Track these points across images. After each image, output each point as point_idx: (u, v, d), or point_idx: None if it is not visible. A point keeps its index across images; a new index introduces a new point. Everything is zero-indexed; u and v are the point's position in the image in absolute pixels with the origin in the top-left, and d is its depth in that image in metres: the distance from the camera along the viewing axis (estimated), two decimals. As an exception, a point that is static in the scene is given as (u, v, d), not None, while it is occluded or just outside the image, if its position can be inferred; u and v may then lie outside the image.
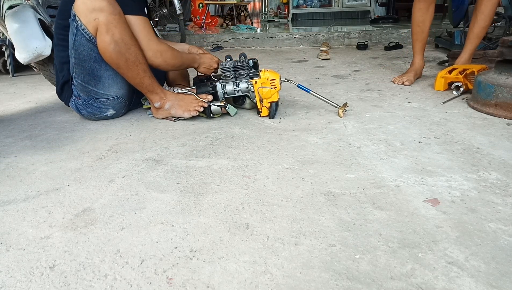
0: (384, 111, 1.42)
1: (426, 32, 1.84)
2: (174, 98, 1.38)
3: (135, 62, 1.27)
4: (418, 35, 1.85)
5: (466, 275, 0.59)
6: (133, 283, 0.61)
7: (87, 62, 1.31)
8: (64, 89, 1.46)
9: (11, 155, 1.16)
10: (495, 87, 1.30)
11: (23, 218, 0.81)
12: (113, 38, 1.22)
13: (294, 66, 2.51)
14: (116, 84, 1.38)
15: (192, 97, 1.39)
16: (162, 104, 1.38)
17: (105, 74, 1.35)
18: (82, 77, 1.34)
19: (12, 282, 0.62)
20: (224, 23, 5.34)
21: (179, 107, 1.38)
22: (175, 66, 1.43)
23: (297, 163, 1.01)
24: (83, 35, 1.25)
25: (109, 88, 1.37)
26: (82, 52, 1.29)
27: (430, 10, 1.80)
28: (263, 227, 0.74)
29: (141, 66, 1.30)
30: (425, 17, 1.81)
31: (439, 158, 1.00)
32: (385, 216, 0.75)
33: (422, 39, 1.86)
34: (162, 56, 1.35)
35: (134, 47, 1.27)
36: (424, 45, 1.88)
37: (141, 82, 1.32)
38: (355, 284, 0.58)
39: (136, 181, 0.95)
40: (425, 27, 1.83)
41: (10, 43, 2.38)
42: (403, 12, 5.27)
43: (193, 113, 1.36)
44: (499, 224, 0.71)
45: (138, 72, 1.29)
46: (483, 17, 1.69)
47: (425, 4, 1.79)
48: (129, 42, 1.25)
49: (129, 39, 1.25)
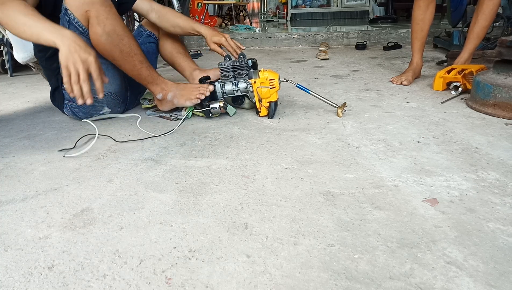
0: (383, 111, 1.42)
1: (425, 31, 1.84)
2: (176, 88, 1.38)
3: (129, 53, 1.27)
4: (417, 34, 1.85)
5: (465, 274, 0.59)
6: (132, 283, 0.61)
7: None
8: (55, 95, 1.45)
9: (10, 155, 1.16)
10: (493, 87, 1.30)
11: (22, 218, 0.81)
12: (104, 29, 1.21)
13: (293, 66, 2.51)
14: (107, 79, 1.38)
15: (193, 86, 1.39)
16: (164, 95, 1.38)
17: None
18: None
19: (11, 283, 0.62)
20: (223, 23, 5.34)
21: (181, 97, 1.38)
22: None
23: (296, 163, 1.01)
24: (76, 28, 1.24)
25: None
26: None
27: (430, 9, 1.80)
28: (262, 227, 0.74)
29: (137, 57, 1.29)
30: (425, 15, 1.80)
31: (437, 158, 1.00)
32: (384, 216, 0.75)
33: (421, 38, 1.85)
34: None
35: (128, 38, 1.26)
36: (423, 45, 1.87)
37: (139, 73, 1.32)
38: (354, 284, 0.58)
39: (135, 181, 0.95)
40: (424, 26, 1.82)
41: (8, 43, 2.37)
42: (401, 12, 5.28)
43: (195, 101, 1.36)
44: (498, 223, 0.71)
45: (134, 63, 1.29)
46: (484, 17, 1.69)
47: (425, 2, 1.78)
48: (121, 33, 1.24)
49: (122, 30, 1.24)
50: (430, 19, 1.82)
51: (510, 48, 1.29)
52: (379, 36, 3.45)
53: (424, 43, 1.88)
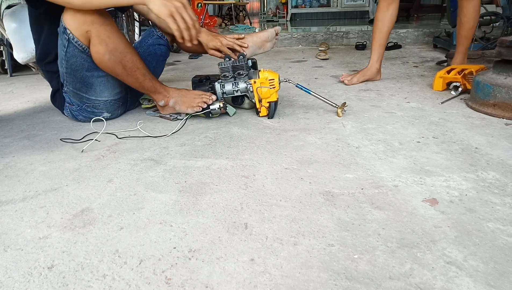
0: (382, 111, 1.42)
1: (384, 32, 1.80)
2: (177, 94, 1.38)
3: (132, 68, 1.28)
4: (375, 34, 1.83)
5: (465, 274, 0.59)
6: (132, 283, 0.61)
7: (79, 72, 1.30)
8: (56, 97, 1.45)
9: (9, 155, 1.16)
10: (493, 87, 1.30)
11: (21, 218, 0.81)
12: (107, 48, 1.21)
13: (293, 66, 2.51)
14: (107, 90, 1.38)
15: (195, 93, 1.38)
16: (166, 102, 1.39)
17: (97, 81, 1.34)
18: (74, 84, 1.34)
19: (10, 283, 0.62)
20: (222, 23, 5.34)
21: (182, 104, 1.38)
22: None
23: (296, 163, 1.01)
24: (75, 47, 1.23)
25: (100, 94, 1.38)
26: (74, 62, 1.28)
27: (391, 10, 1.77)
28: (262, 227, 0.74)
29: (140, 71, 1.29)
30: (384, 16, 1.78)
31: (437, 158, 1.00)
32: (384, 216, 0.75)
33: (379, 39, 1.82)
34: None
35: (130, 54, 1.26)
36: (381, 47, 1.83)
37: (141, 85, 1.32)
38: (354, 284, 0.58)
39: (134, 181, 0.95)
40: (383, 27, 1.79)
41: (8, 43, 2.37)
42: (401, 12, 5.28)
43: (197, 108, 1.36)
44: (498, 223, 0.71)
45: (137, 77, 1.30)
46: (466, 19, 1.72)
47: (386, 2, 1.77)
48: (124, 50, 1.24)
49: (124, 47, 1.24)
50: (391, 20, 1.79)
51: (510, 48, 1.29)
52: (379, 36, 3.45)
53: (383, 45, 1.83)
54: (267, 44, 1.52)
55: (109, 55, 1.22)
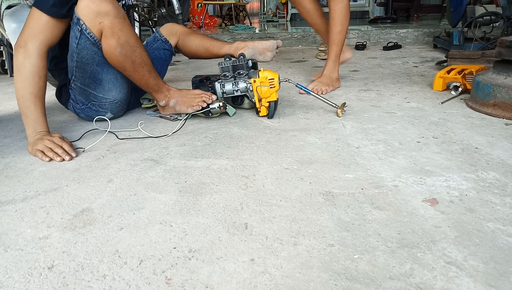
0: (382, 111, 1.42)
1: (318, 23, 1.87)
2: (178, 95, 1.39)
3: (140, 63, 1.28)
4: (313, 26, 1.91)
5: (465, 275, 0.59)
6: (132, 284, 0.61)
7: (89, 66, 1.30)
8: (62, 92, 1.45)
9: (10, 155, 1.16)
10: (493, 87, 1.30)
11: (22, 219, 0.81)
12: (118, 41, 1.22)
13: (293, 66, 2.51)
14: (115, 88, 1.38)
15: (195, 93, 1.39)
16: (167, 102, 1.39)
17: (106, 77, 1.35)
18: (82, 80, 1.34)
19: (10, 283, 0.62)
20: (222, 23, 5.34)
21: (182, 104, 1.38)
22: None
23: (296, 163, 1.01)
24: (87, 39, 1.24)
25: (108, 92, 1.38)
26: (85, 55, 1.28)
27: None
28: (262, 227, 0.74)
29: (147, 68, 1.30)
30: (310, 5, 1.85)
31: (437, 158, 1.00)
32: (384, 216, 0.75)
33: (318, 29, 1.90)
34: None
35: (140, 49, 1.27)
36: (323, 34, 1.90)
37: (146, 82, 1.33)
38: (354, 284, 0.58)
39: (134, 181, 0.95)
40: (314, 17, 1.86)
41: (8, 43, 2.37)
42: (401, 12, 5.28)
43: (196, 108, 1.36)
44: (498, 224, 0.71)
45: (144, 73, 1.30)
46: (333, 22, 1.70)
47: None
48: (134, 45, 1.25)
49: (134, 41, 1.25)
50: (315, 8, 1.84)
51: (510, 48, 1.29)
52: (379, 36, 3.45)
53: (323, 33, 1.89)
54: (268, 53, 1.54)
55: (121, 48, 1.23)
